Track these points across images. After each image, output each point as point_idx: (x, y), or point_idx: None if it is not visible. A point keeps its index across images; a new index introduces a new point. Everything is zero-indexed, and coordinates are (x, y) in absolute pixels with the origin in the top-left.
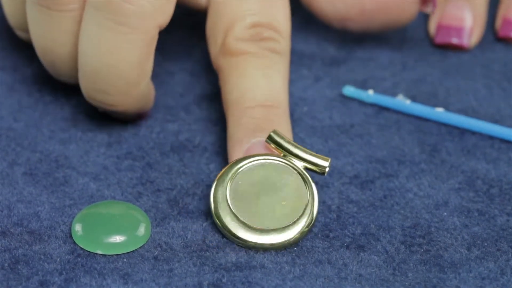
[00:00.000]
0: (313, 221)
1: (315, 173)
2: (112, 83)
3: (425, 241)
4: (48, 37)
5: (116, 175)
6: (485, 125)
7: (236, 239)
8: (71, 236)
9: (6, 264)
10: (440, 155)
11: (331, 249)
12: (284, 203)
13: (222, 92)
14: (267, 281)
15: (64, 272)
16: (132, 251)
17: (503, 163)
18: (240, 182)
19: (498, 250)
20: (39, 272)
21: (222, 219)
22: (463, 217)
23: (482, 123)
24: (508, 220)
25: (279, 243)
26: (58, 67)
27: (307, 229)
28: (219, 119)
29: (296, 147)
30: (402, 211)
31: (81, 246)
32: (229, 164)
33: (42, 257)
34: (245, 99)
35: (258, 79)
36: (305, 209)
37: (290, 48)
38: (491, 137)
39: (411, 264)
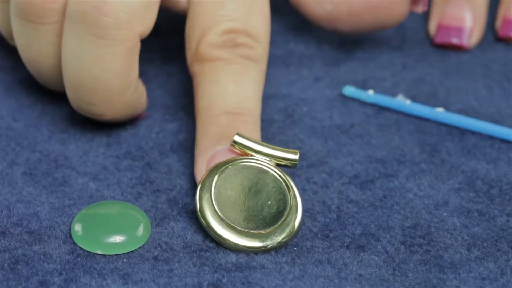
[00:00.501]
0: (300, 218)
1: (287, 167)
2: (97, 94)
3: (425, 242)
4: (33, 49)
5: (115, 175)
6: (485, 125)
7: (230, 244)
8: (70, 236)
9: (6, 264)
10: (440, 155)
11: (331, 249)
12: (269, 202)
13: (194, 98)
14: (267, 282)
15: (64, 272)
16: (132, 251)
17: (503, 163)
18: (222, 191)
19: (498, 250)
20: (39, 272)
21: (214, 230)
22: (463, 218)
23: (482, 123)
24: (508, 221)
25: (281, 239)
26: (45, 77)
27: (297, 226)
28: None
29: (263, 145)
30: (402, 211)
31: (81, 246)
32: (205, 175)
33: (42, 257)
34: (213, 106)
35: (228, 86)
36: (291, 204)
37: (268, 54)
38: (491, 137)
39: (411, 264)
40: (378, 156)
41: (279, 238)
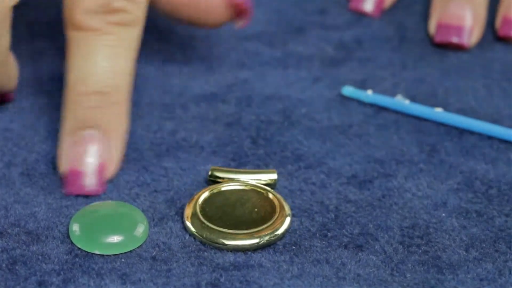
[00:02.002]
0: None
1: (268, 186)
2: None
3: (423, 242)
4: None
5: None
6: (484, 125)
7: (222, 245)
8: (68, 237)
9: (4, 265)
10: (439, 155)
11: (329, 249)
12: (256, 209)
13: (66, 69)
14: (265, 280)
15: (62, 273)
16: (130, 251)
17: (502, 163)
18: (207, 209)
19: (496, 251)
20: (37, 273)
21: (204, 235)
22: (462, 218)
23: (481, 123)
24: (506, 221)
25: (272, 237)
26: None
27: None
28: (217, 118)
29: (239, 172)
30: (401, 211)
31: (79, 246)
32: (187, 205)
33: (40, 257)
34: (83, 83)
35: (100, 61)
36: (279, 207)
37: (145, 13)
38: (490, 137)
39: (409, 265)
40: (376, 156)
41: (271, 235)
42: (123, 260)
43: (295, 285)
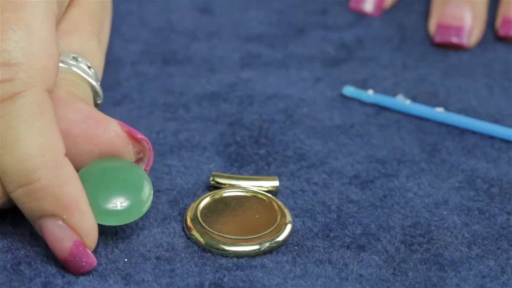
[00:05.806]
0: (291, 226)
1: (269, 192)
2: None
3: (425, 240)
4: None
5: None
6: (485, 125)
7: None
8: None
9: (8, 265)
10: (440, 155)
11: (331, 249)
12: (257, 216)
13: None
14: (268, 280)
15: (66, 274)
16: (134, 251)
17: (503, 162)
18: (208, 215)
19: (498, 248)
20: (41, 274)
21: (204, 242)
22: (463, 216)
23: (482, 123)
24: (508, 219)
25: (272, 243)
26: None
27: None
28: (219, 118)
29: (241, 178)
30: (402, 211)
31: None
32: (188, 209)
33: (45, 258)
34: (5, 184)
35: (5, 155)
36: (280, 215)
37: (48, 68)
38: (491, 137)
39: (411, 264)
40: (378, 156)
41: (272, 242)
42: (126, 260)
43: (298, 285)
